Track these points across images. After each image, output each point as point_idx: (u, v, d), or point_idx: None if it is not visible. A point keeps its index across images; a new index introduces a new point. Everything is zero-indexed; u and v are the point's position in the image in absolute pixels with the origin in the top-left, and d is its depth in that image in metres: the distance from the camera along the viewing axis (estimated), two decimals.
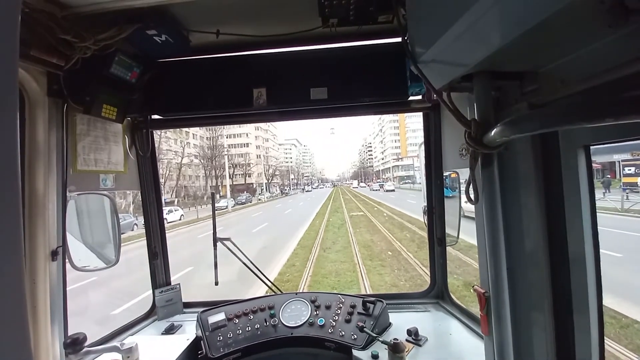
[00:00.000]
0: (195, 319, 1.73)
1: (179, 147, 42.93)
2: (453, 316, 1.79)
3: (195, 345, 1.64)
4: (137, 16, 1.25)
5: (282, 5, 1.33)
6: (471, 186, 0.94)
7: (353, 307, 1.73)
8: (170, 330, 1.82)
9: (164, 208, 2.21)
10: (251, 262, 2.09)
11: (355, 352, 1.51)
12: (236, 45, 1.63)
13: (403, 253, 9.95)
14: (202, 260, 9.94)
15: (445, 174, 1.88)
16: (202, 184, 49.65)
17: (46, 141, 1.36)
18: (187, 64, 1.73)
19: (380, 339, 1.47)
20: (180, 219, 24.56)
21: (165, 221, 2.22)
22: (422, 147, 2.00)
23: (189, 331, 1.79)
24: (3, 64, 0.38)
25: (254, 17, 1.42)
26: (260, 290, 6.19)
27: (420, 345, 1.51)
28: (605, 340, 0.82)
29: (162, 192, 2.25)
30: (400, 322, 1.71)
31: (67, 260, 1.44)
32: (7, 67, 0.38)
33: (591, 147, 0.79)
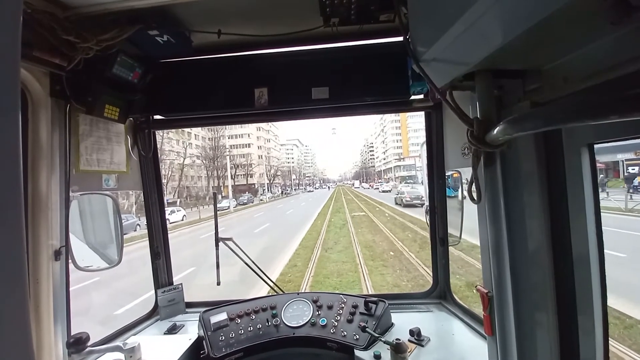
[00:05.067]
0: (198, 318, 1.73)
1: (181, 147, 43.12)
2: (456, 316, 1.78)
3: (197, 345, 1.64)
4: (139, 17, 1.26)
5: (283, 5, 1.33)
6: (473, 185, 0.94)
7: (355, 307, 1.72)
8: (172, 330, 1.83)
9: (166, 208, 2.21)
10: (253, 262, 2.09)
11: (357, 352, 1.50)
12: (238, 45, 1.63)
13: (405, 253, 9.93)
14: (204, 261, 9.95)
15: (448, 173, 1.87)
16: (204, 184, 49.84)
17: (49, 141, 1.36)
18: (189, 64, 1.73)
19: (382, 339, 1.46)
20: (182, 220, 24.66)
21: (167, 221, 2.22)
22: (424, 146, 1.99)
23: (191, 331, 1.79)
24: (5, 65, 0.38)
25: (255, 17, 1.42)
26: (262, 290, 6.20)
27: (422, 346, 1.50)
28: (609, 341, 0.81)
29: (165, 192, 2.25)
30: (403, 322, 1.71)
31: (70, 260, 1.44)
32: (9, 68, 0.38)
33: (595, 146, 0.78)
